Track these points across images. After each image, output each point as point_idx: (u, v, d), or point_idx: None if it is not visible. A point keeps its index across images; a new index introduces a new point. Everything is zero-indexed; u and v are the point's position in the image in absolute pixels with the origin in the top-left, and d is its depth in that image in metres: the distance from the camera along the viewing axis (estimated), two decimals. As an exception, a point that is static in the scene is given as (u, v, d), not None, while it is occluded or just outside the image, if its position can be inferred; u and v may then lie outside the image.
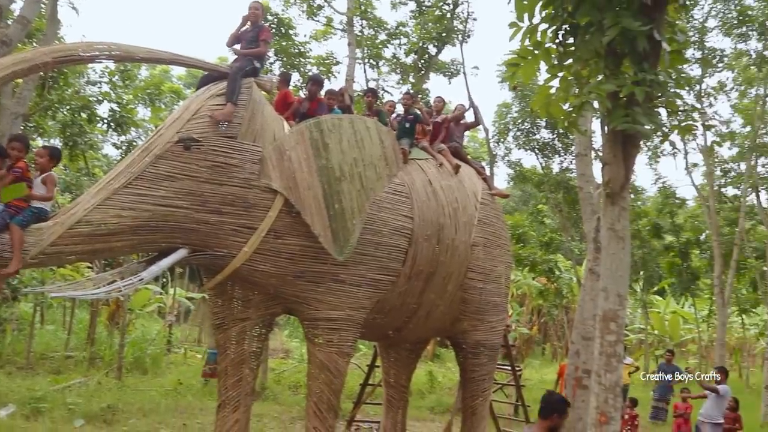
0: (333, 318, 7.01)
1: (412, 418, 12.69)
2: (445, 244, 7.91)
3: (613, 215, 3.78)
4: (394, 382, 9.41)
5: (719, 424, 11.19)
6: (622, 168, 3.73)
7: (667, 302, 37.05)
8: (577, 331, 10.23)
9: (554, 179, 22.55)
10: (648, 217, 27.57)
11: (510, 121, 22.50)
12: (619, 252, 3.77)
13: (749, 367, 37.86)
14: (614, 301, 3.77)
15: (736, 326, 36.77)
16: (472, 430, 9.07)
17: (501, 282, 8.91)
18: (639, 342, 36.50)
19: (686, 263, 29.44)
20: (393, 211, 7.40)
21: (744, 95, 25.09)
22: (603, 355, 3.82)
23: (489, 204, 8.86)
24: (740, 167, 25.99)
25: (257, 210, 6.46)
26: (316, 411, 7.01)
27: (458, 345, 9.02)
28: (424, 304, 8.03)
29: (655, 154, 25.33)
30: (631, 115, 3.50)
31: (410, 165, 8.03)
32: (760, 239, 27.81)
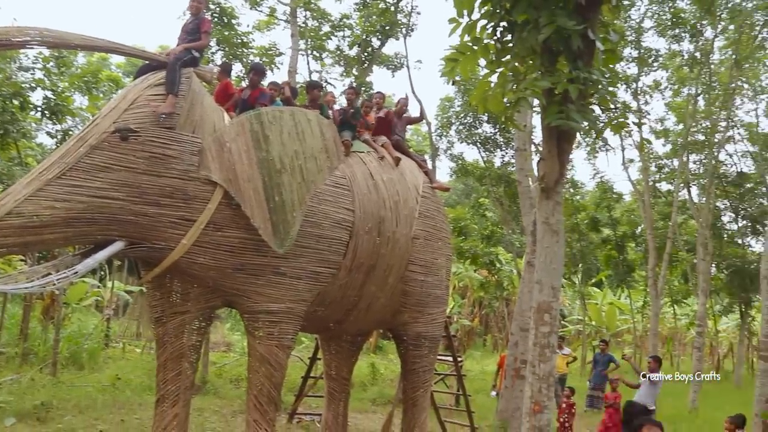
0: (273, 311, 6.99)
1: (354, 410, 12.74)
2: (386, 237, 7.96)
3: (547, 209, 3.88)
4: (335, 374, 9.42)
5: (652, 410, 11.55)
6: (557, 163, 3.83)
7: (604, 294, 38.05)
8: (517, 323, 10.45)
9: (495, 173, 22.87)
10: (586, 211, 28.24)
11: (452, 115, 22.70)
12: (553, 245, 3.87)
13: (680, 356, 39.23)
14: (548, 293, 3.87)
15: (669, 317, 38.03)
16: (413, 421, 9.16)
17: (442, 274, 9.02)
18: (577, 333, 37.41)
19: (622, 256, 30.31)
20: (334, 203, 7.40)
21: (677, 94, 25.87)
22: (537, 346, 3.92)
23: (430, 197, 8.94)
24: (673, 163, 26.83)
25: (196, 202, 6.38)
26: (256, 404, 6.99)
27: (399, 337, 9.09)
28: (365, 296, 8.07)
29: (593, 150, 25.93)
30: (565, 112, 3.59)
31: (351, 158, 8.04)
32: (691, 233, 28.81)
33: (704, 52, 22.38)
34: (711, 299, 31.61)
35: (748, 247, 31.97)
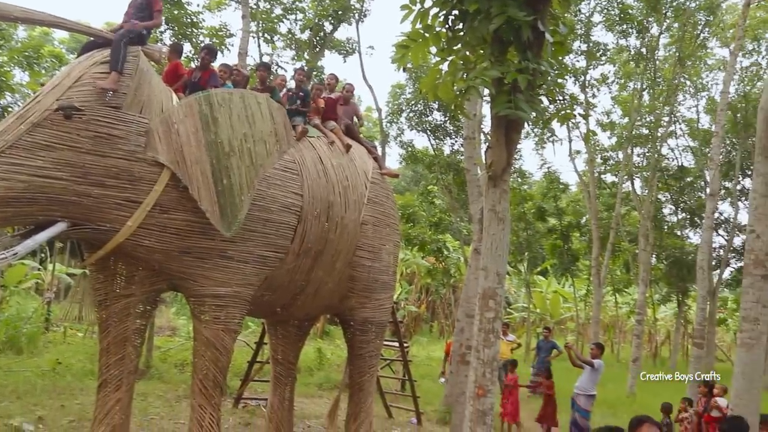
0: (220, 294, 6.91)
1: (301, 394, 12.77)
2: (334, 222, 7.96)
3: (494, 197, 3.94)
4: (282, 359, 9.39)
5: (593, 395, 11.86)
6: (504, 152, 3.89)
7: (549, 282, 38.81)
8: (463, 309, 10.57)
9: (445, 161, 23.05)
10: (533, 201, 28.69)
11: (403, 102, 22.78)
12: (499, 233, 3.93)
13: (620, 343, 40.29)
14: (493, 280, 3.93)
15: (610, 305, 38.99)
16: (359, 405, 9.21)
17: (389, 260, 9.06)
18: (522, 320, 38.05)
19: (567, 245, 30.93)
20: (282, 187, 7.36)
21: (623, 88, 26.46)
22: (482, 332, 3.98)
23: (379, 183, 8.97)
24: (618, 156, 27.43)
25: (142, 183, 6.26)
26: (202, 389, 6.92)
27: (346, 322, 9.11)
28: (313, 281, 8.06)
29: (541, 141, 26.34)
30: (513, 102, 3.64)
31: (301, 142, 7.99)
32: (634, 224, 29.55)
33: (650, 48, 22.91)
34: (650, 288, 32.53)
35: (686, 239, 33.00)
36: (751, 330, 5.79)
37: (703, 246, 17.54)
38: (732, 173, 29.21)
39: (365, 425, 9.23)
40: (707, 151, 25.13)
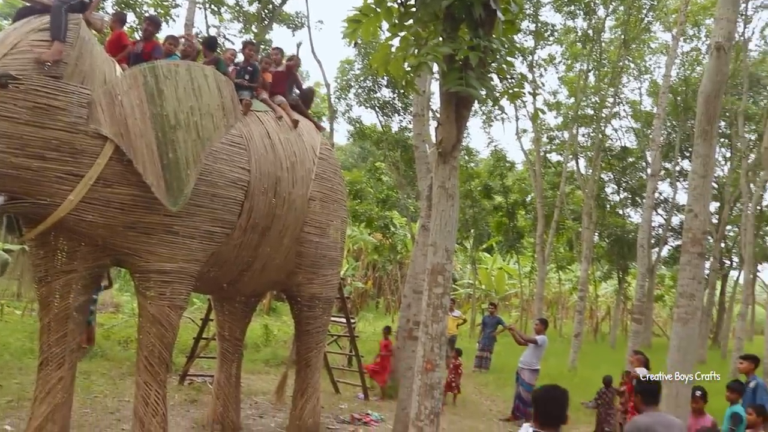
0: (165, 270, 6.81)
1: (247, 371, 12.72)
2: (282, 198, 7.91)
3: (444, 174, 3.96)
4: (228, 335, 9.33)
5: (536, 370, 12.15)
6: (455, 129, 3.90)
7: (494, 259, 39.37)
8: (409, 285, 10.64)
9: (393, 138, 23.07)
10: (480, 179, 28.95)
11: (352, 78, 22.66)
12: (448, 209, 3.96)
13: (563, 318, 41.25)
14: (442, 255, 3.97)
15: (554, 282, 39.82)
16: (306, 381, 9.24)
17: (337, 236, 9.06)
18: (468, 296, 38.56)
19: (513, 223, 31.37)
20: (230, 162, 7.26)
21: (570, 69, 26.82)
22: (430, 307, 4.02)
23: (327, 159, 8.94)
24: (564, 136, 27.87)
25: (85, 156, 6.08)
26: (147, 365, 6.83)
27: (293, 298, 9.10)
28: (260, 257, 8.01)
29: (488, 119, 26.56)
30: (464, 79, 3.65)
31: (249, 117, 7.90)
32: (578, 203, 30.16)
33: (596, 30, 23.24)
34: (592, 266, 33.31)
35: (627, 218, 33.86)
36: (687, 305, 5.98)
37: (643, 225, 18.01)
38: (672, 155, 30.03)
39: (312, 401, 9.27)
40: (649, 132, 25.75)
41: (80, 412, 9.02)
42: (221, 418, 9.11)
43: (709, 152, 6.19)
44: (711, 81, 6.24)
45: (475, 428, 11.27)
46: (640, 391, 5.38)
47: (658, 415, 5.14)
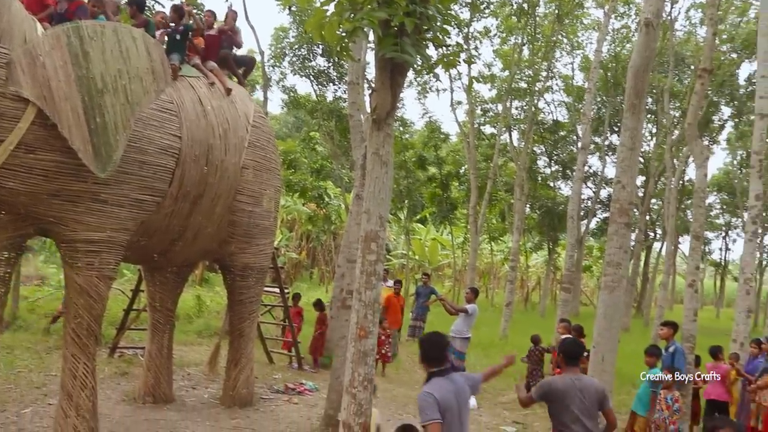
0: (93, 240, 6.61)
1: (180, 342, 12.56)
2: (214, 166, 7.77)
3: (378, 140, 3.94)
4: (159, 306, 9.17)
5: (467, 338, 12.37)
6: (389, 95, 3.88)
7: (428, 230, 39.76)
8: (343, 255, 10.64)
9: (327, 107, 22.89)
10: (414, 149, 29.05)
11: (286, 46, 22.30)
12: (382, 176, 3.95)
13: (494, 288, 42.08)
14: (376, 223, 3.96)
15: (486, 252, 40.51)
16: (239, 351, 9.19)
17: (270, 206, 8.98)
18: (401, 266, 38.87)
19: (446, 194, 31.68)
20: (160, 129, 7.07)
21: (505, 42, 27.02)
22: (364, 274, 4.02)
23: (261, 127, 8.81)
24: (497, 108, 28.17)
25: (4, 121, 5.78)
26: (75, 338, 6.65)
27: (226, 268, 9.01)
28: (191, 226, 7.88)
29: (423, 90, 26.60)
30: (400, 45, 3.63)
31: (180, 82, 7.70)
32: (510, 175, 30.65)
33: (531, 4, 23.44)
34: (524, 237, 34.02)
35: (558, 190, 34.62)
36: (614, 274, 6.17)
37: (573, 197, 18.42)
38: (601, 129, 30.77)
39: (246, 371, 9.24)
40: (580, 106, 26.25)
41: (3, 388, 8.76)
42: (153, 390, 8.99)
43: (637, 125, 6.36)
44: (640, 56, 6.38)
45: (408, 396, 11.42)
46: (562, 352, 5.57)
47: (576, 378, 5.37)
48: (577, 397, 5.29)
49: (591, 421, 5.25)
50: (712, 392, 10.21)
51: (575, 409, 5.27)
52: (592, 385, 5.40)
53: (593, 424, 5.27)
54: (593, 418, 5.30)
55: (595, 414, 5.34)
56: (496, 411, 10.97)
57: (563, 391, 5.32)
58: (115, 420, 8.05)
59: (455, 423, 4.46)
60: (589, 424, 5.23)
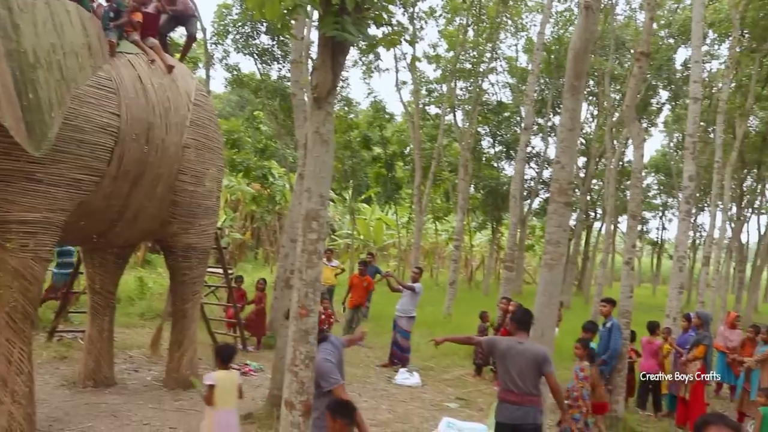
0: (28, 221, 6.42)
1: (121, 325, 12.36)
2: (154, 145, 7.62)
3: (318, 119, 3.92)
4: (100, 288, 8.98)
5: (413, 317, 12.50)
6: (330, 74, 3.86)
7: (373, 209, 39.85)
8: (288, 235, 10.58)
9: (272, 86, 22.61)
10: (359, 129, 29.00)
11: (229, 23, 21.89)
12: (323, 155, 3.94)
13: (439, 268, 42.50)
14: (316, 201, 3.96)
15: (431, 232, 40.84)
16: (182, 333, 9.10)
17: (213, 185, 8.87)
18: (346, 246, 38.91)
19: (391, 174, 31.76)
20: (97, 106, 6.88)
21: (450, 22, 27.09)
22: (305, 253, 4.02)
23: (203, 105, 8.66)
24: (442, 88, 28.28)
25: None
26: (9, 322, 6.45)
27: (168, 248, 8.88)
28: (132, 206, 7.73)
29: (369, 70, 26.50)
30: (341, 23, 3.61)
31: (118, 59, 7.49)
32: (454, 155, 30.89)
33: (476, -15, 23.50)
34: (468, 216, 34.40)
35: (501, 171, 35.06)
36: (553, 252, 6.31)
37: (515, 177, 18.65)
38: (544, 110, 31.20)
39: (189, 353, 9.16)
40: (524, 88, 26.54)
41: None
42: (93, 374, 8.84)
43: (577, 107, 6.48)
44: (580, 38, 6.48)
45: (353, 374, 11.49)
46: (515, 318, 6.17)
47: (519, 342, 5.91)
48: (515, 359, 5.81)
49: (526, 382, 5.75)
50: (646, 366, 10.59)
51: (512, 369, 5.81)
52: (530, 349, 5.81)
53: (530, 384, 5.76)
54: (529, 379, 5.78)
55: (532, 376, 5.79)
56: (440, 388, 11.13)
57: (503, 351, 5.91)
58: (54, 405, 7.90)
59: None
60: (522, 384, 5.75)
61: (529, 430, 5.80)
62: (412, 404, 9.86)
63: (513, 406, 5.79)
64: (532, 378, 5.80)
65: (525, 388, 5.77)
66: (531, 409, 5.79)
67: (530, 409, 5.78)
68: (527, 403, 5.77)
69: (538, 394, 5.85)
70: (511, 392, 5.83)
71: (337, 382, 4.75)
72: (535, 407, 5.81)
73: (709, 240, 23.43)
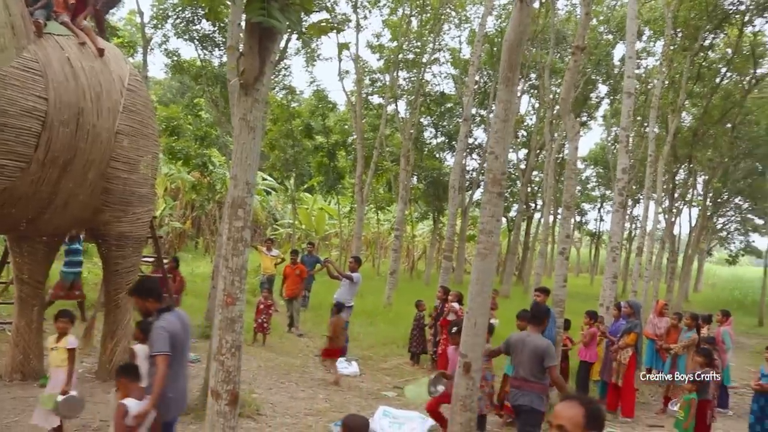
0: (-52, 207, 6.20)
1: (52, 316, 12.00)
2: (85, 130, 7.40)
3: (245, 106, 3.87)
4: (28, 278, 8.71)
5: (351, 306, 12.53)
6: (257, 60, 3.81)
7: (315, 199, 39.70)
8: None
9: (212, 73, 22.26)
10: (301, 118, 28.81)
11: (169, 7, 21.44)
12: (249, 142, 3.89)
13: (381, 258, 42.63)
14: (243, 189, 3.91)
15: (373, 222, 40.91)
16: (116, 323, 8.92)
17: (147, 172, 8.68)
18: (288, 236, 38.70)
19: (333, 163, 31.65)
20: (23, 89, 6.64)
21: (394, 12, 27.09)
22: (231, 240, 3.97)
23: (137, 91, 8.45)
24: (385, 78, 28.29)
25: None
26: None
27: (101, 237, 8.67)
28: (62, 193, 7.51)
29: (311, 58, 26.32)
30: (267, 9, 3.56)
31: (46, 40, 7.25)
32: (397, 145, 30.95)
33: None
34: (410, 207, 34.56)
35: (444, 161, 35.32)
36: (486, 241, 6.38)
37: (455, 168, 18.86)
38: (487, 102, 31.54)
39: (123, 343, 8.98)
40: (466, 79, 26.78)
41: None
42: (21, 366, 8.59)
43: (511, 98, 6.55)
44: (514, 31, 6.55)
45: (292, 364, 11.47)
46: (531, 314, 7.18)
47: (527, 335, 6.88)
48: (519, 350, 6.77)
49: (526, 371, 6.66)
50: (584, 353, 10.90)
51: (516, 359, 6.83)
52: (533, 342, 6.71)
53: (529, 373, 6.64)
54: (529, 368, 6.65)
55: (532, 366, 6.64)
56: (378, 377, 11.20)
57: (513, 344, 6.91)
58: (-22, 398, 7.66)
59: (182, 353, 5.18)
60: (523, 372, 6.69)
61: (527, 411, 6.68)
62: (350, 393, 9.89)
63: (517, 390, 6.75)
64: (532, 367, 6.64)
65: (525, 376, 6.68)
66: (530, 394, 6.65)
67: (530, 394, 6.65)
68: (527, 388, 6.67)
69: (537, 382, 6.65)
70: (515, 379, 6.81)
71: (159, 352, 4.91)
72: (534, 393, 6.65)
73: (642, 231, 24.10)
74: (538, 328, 6.91)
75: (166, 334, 4.95)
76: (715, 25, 23.48)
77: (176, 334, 5.05)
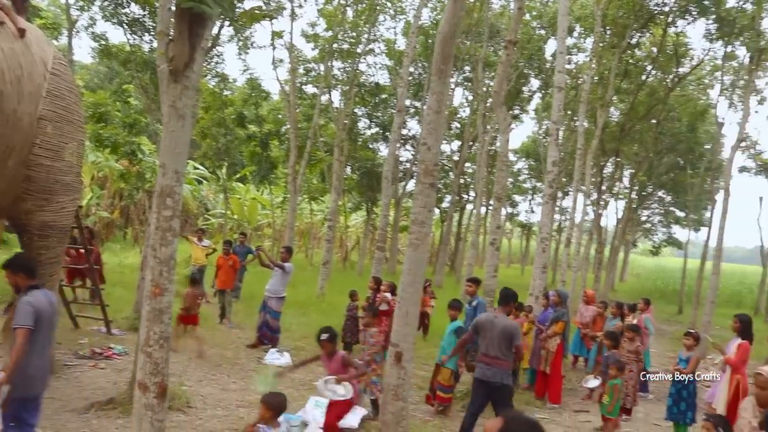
0: None
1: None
2: (5, 115, 7.09)
3: (175, 93, 3.78)
4: (-57, 269, 8.34)
5: (283, 297, 12.45)
6: (187, 47, 3.72)
7: (248, 189, 39.27)
8: (155, 214, 10.28)
9: (142, 58, 21.67)
10: (234, 107, 28.40)
11: (97, -11, 20.74)
12: (178, 130, 3.81)
13: (314, 248, 42.50)
14: (172, 178, 3.83)
15: (306, 212, 40.73)
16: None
17: (72, 160, 8.39)
18: (219, 226, 38.18)
19: (266, 153, 31.35)
20: (-63, 71, 6.34)
21: (329, 2, 26.94)
22: (159, 230, 3.89)
23: (61, 75, 8.15)
24: (320, 68, 28.15)
25: None
26: None
27: (23, 227, 8.34)
28: (-21, 180, 7.20)
29: (245, 46, 25.95)
30: (198, -5, 3.50)
31: (-39, 20, 6.92)
32: (331, 135, 30.89)
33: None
34: (344, 197, 34.53)
35: (377, 152, 35.43)
36: (419, 232, 6.43)
37: (389, 158, 18.91)
38: (421, 93, 31.72)
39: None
40: (401, 70, 26.88)
41: None
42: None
43: (443, 90, 6.61)
44: (448, 23, 6.60)
45: (223, 355, 11.35)
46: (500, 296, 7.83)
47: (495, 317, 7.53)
48: (488, 330, 7.41)
49: (495, 349, 7.29)
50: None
51: (486, 337, 7.41)
52: (501, 323, 7.39)
53: (497, 351, 7.27)
54: (498, 347, 7.28)
55: (501, 346, 7.28)
56: (310, 368, 11.11)
57: (481, 324, 7.53)
58: None
59: (47, 329, 5.16)
60: (491, 350, 7.31)
61: (497, 386, 7.32)
62: (282, 384, 9.83)
63: (485, 366, 7.36)
64: (500, 346, 7.30)
65: (494, 353, 7.30)
66: (498, 370, 7.31)
67: (498, 370, 7.31)
68: (495, 364, 7.30)
69: (505, 359, 7.32)
70: (484, 355, 7.39)
71: (21, 325, 4.89)
72: (504, 369, 7.33)
73: (571, 223, 24.72)
74: (505, 309, 7.66)
75: (31, 309, 4.94)
76: (641, 25, 24.24)
77: (42, 311, 5.03)
